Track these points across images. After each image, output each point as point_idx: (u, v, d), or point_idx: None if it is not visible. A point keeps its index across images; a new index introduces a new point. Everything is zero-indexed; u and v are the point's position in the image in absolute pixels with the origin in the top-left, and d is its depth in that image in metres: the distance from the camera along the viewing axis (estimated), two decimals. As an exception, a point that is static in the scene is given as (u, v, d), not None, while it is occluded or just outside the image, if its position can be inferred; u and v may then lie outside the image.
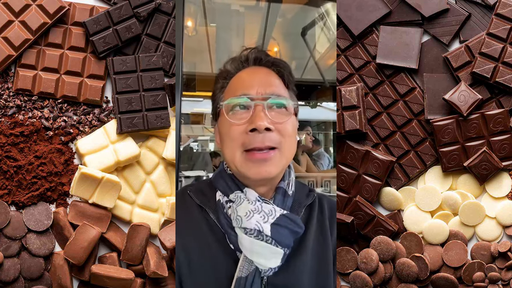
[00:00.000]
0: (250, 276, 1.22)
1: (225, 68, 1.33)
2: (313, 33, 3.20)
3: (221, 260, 1.23)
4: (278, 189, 1.28)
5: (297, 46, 3.36)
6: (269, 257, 1.22)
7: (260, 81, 1.28)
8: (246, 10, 3.00)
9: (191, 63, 3.48)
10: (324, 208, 1.33)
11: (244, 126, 1.25)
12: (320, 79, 3.81)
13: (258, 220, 1.22)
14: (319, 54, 3.41)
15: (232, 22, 3.10)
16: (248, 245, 1.22)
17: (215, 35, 3.23)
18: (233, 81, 1.31)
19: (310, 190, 1.35)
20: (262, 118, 1.23)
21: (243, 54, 1.34)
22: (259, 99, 1.26)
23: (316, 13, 3.01)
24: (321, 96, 4.06)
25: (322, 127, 4.11)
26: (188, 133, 3.91)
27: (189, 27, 3.12)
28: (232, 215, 1.24)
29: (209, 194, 1.30)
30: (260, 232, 1.22)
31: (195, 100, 3.81)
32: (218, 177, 1.30)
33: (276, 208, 1.25)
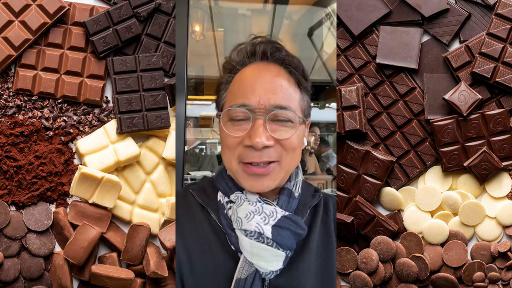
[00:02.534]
0: (250, 278, 1.19)
1: (231, 58, 1.25)
2: (320, 33, 3.20)
3: (222, 260, 1.21)
4: (284, 189, 1.24)
5: (304, 47, 3.35)
6: (270, 259, 1.19)
7: (265, 87, 1.18)
8: (253, 13, 3.00)
9: (199, 67, 3.48)
10: (329, 209, 1.29)
11: (241, 139, 1.19)
12: (328, 79, 3.80)
13: (259, 221, 1.19)
14: (326, 54, 3.41)
15: (239, 26, 3.10)
16: (248, 247, 1.19)
17: (223, 39, 3.24)
18: (237, 80, 1.23)
19: (316, 190, 1.31)
20: (260, 135, 1.16)
21: (251, 44, 1.24)
22: (260, 111, 1.17)
23: (323, 13, 3.02)
24: (330, 97, 4.05)
25: (332, 128, 4.11)
26: (197, 136, 3.91)
27: (197, 32, 3.13)
28: (232, 216, 1.21)
29: (211, 194, 1.27)
30: (261, 234, 1.18)
31: (204, 104, 3.82)
32: (219, 177, 1.27)
33: (278, 209, 1.21)
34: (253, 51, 1.23)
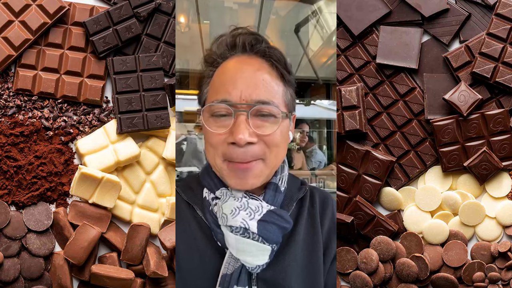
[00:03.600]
0: (236, 273, 1.18)
1: (211, 50, 1.22)
2: (307, 30, 3.20)
3: (208, 257, 1.20)
4: (270, 184, 1.23)
5: (291, 43, 3.34)
6: (256, 254, 1.18)
7: (246, 81, 1.16)
8: (240, 7, 2.97)
9: (184, 61, 3.44)
10: (315, 201, 1.29)
11: (224, 136, 1.17)
12: (314, 76, 3.80)
13: (244, 217, 1.18)
14: (312, 52, 3.40)
15: (226, 19, 3.07)
16: (234, 243, 1.18)
17: (209, 32, 3.21)
18: (218, 75, 1.21)
19: (302, 183, 1.31)
20: (243, 131, 1.14)
21: (231, 35, 1.21)
22: (242, 106, 1.15)
23: (309, 10, 3.01)
24: (315, 94, 4.05)
25: (316, 125, 4.10)
26: (182, 131, 3.89)
27: (182, 23, 3.10)
28: (217, 212, 1.20)
29: (196, 191, 1.26)
30: (246, 230, 1.18)
31: (189, 98, 3.78)
32: (204, 174, 1.26)
33: (264, 204, 1.21)
34: (233, 43, 1.20)
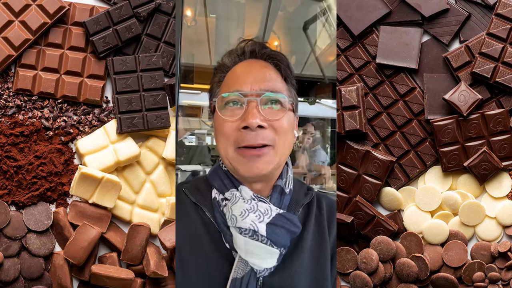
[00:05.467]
0: (246, 277, 1.20)
1: (223, 62, 1.32)
2: (315, 28, 3.18)
3: (215, 260, 1.21)
4: (276, 187, 1.26)
5: (298, 40, 3.32)
6: (264, 257, 1.20)
7: (255, 76, 1.26)
8: (247, 1, 2.96)
9: (189, 55, 3.41)
10: (322, 207, 1.31)
11: (236, 123, 1.23)
12: (320, 75, 3.78)
13: (253, 219, 1.20)
14: (319, 50, 3.38)
15: (233, 13, 3.04)
16: (242, 245, 1.20)
17: (215, 26, 3.19)
18: (229, 76, 1.29)
19: (309, 188, 1.33)
20: (255, 115, 1.21)
21: (240, 46, 1.32)
22: (252, 95, 1.24)
23: (318, 8, 2.99)
24: (321, 93, 4.03)
25: (320, 124, 4.09)
26: (185, 126, 3.86)
27: (188, 17, 3.07)
28: (227, 213, 1.23)
29: (205, 192, 1.28)
30: (255, 232, 1.20)
31: (193, 93, 3.75)
32: (213, 174, 1.28)
33: (273, 207, 1.23)
34: (243, 51, 1.31)
